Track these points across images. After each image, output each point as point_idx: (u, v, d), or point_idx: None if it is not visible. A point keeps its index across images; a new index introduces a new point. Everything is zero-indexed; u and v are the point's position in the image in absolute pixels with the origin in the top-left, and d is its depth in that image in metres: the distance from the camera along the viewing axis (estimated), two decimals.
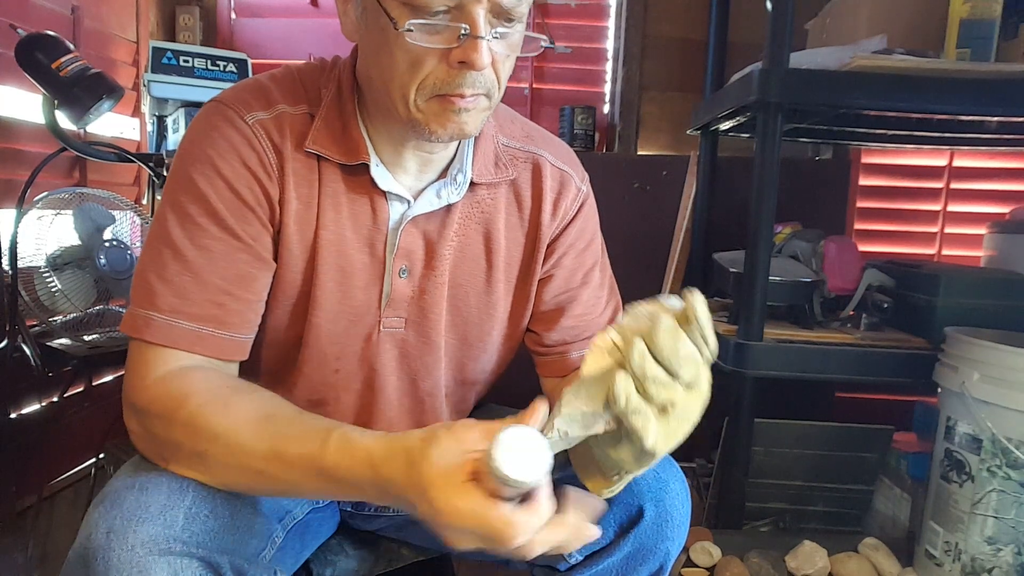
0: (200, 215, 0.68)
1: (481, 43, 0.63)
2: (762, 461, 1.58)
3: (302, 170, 0.72)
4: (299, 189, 0.72)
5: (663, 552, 0.77)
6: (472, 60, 0.63)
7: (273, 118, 0.71)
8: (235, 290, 0.69)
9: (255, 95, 0.72)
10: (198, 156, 0.69)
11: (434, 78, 0.65)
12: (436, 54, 0.64)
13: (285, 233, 0.73)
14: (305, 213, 0.73)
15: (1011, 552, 1.19)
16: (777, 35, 1.27)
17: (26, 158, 1.41)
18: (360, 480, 0.58)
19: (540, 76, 2.09)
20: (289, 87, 0.74)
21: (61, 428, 1.43)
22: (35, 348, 1.29)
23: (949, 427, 1.26)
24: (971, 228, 2.05)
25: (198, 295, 0.67)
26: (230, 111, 0.71)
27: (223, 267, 0.68)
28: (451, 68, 0.65)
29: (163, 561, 0.56)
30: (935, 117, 1.55)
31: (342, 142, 0.73)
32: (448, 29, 0.63)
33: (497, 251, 0.81)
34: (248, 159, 0.70)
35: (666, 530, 0.76)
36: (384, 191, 0.74)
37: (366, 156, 0.73)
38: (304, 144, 0.72)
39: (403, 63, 0.65)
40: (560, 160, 0.84)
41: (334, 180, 0.74)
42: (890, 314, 1.47)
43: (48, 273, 1.32)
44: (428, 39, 0.64)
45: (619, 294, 0.90)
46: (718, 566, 1.33)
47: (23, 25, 1.29)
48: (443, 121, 0.67)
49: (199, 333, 0.67)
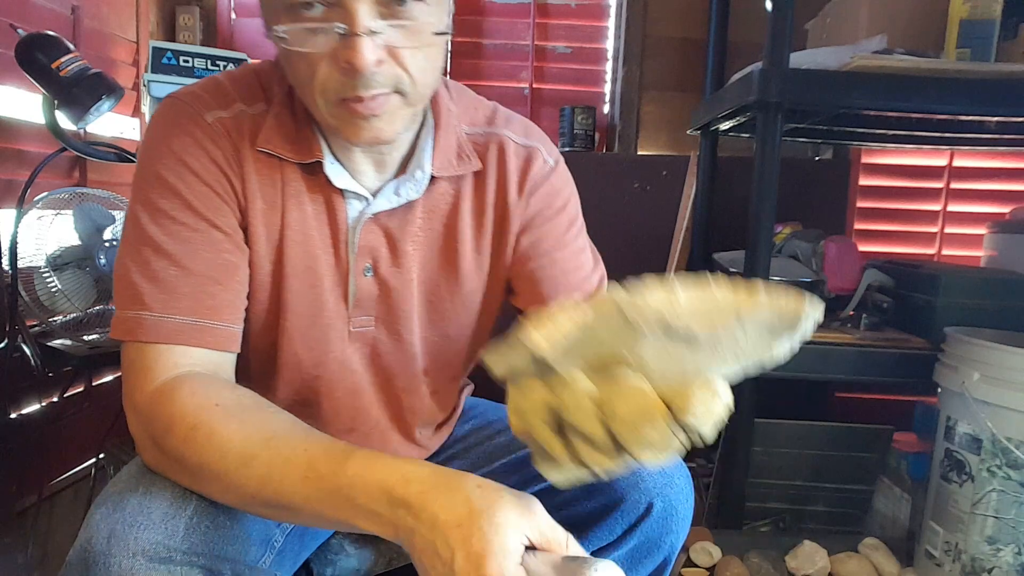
0: (175, 209, 0.66)
1: (360, 41, 0.58)
2: (762, 461, 1.58)
3: (264, 170, 0.70)
4: (263, 189, 0.71)
5: (668, 545, 0.77)
6: (351, 60, 0.59)
7: (232, 117, 0.70)
8: (222, 279, 0.67)
9: (213, 94, 0.70)
10: (164, 152, 0.67)
11: (331, 82, 0.61)
12: (326, 57, 0.60)
13: (252, 234, 0.71)
14: (270, 213, 0.71)
15: (1011, 552, 1.19)
16: (777, 35, 1.27)
17: (26, 158, 1.40)
18: (378, 502, 0.52)
19: (540, 76, 2.09)
20: (247, 86, 0.72)
21: (61, 428, 1.43)
22: (35, 348, 1.29)
23: (949, 427, 1.26)
24: (971, 228, 2.05)
25: (187, 287, 0.65)
26: (191, 108, 0.69)
27: (207, 257, 0.67)
28: (342, 70, 0.60)
29: (163, 569, 0.56)
30: (935, 117, 1.55)
31: (295, 140, 0.71)
32: (325, 30, 0.59)
33: (466, 242, 0.78)
34: (214, 155, 0.68)
35: (671, 523, 0.76)
36: (341, 189, 0.72)
37: (319, 153, 0.70)
38: (257, 142, 0.70)
39: (300, 69, 0.62)
40: (524, 137, 0.81)
41: (296, 179, 0.72)
42: (890, 314, 1.47)
43: (48, 273, 1.32)
44: (306, 42, 0.60)
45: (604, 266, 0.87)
46: (718, 566, 1.33)
47: (23, 25, 1.29)
48: (355, 130, 0.64)
49: (195, 326, 0.65)
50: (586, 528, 0.77)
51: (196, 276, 0.66)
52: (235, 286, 0.69)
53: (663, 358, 0.44)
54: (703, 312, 0.43)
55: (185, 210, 0.66)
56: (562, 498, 0.78)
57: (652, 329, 0.43)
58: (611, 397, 0.45)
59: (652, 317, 0.42)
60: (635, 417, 0.44)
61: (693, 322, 0.42)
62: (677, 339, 0.43)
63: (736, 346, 0.44)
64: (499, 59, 2.08)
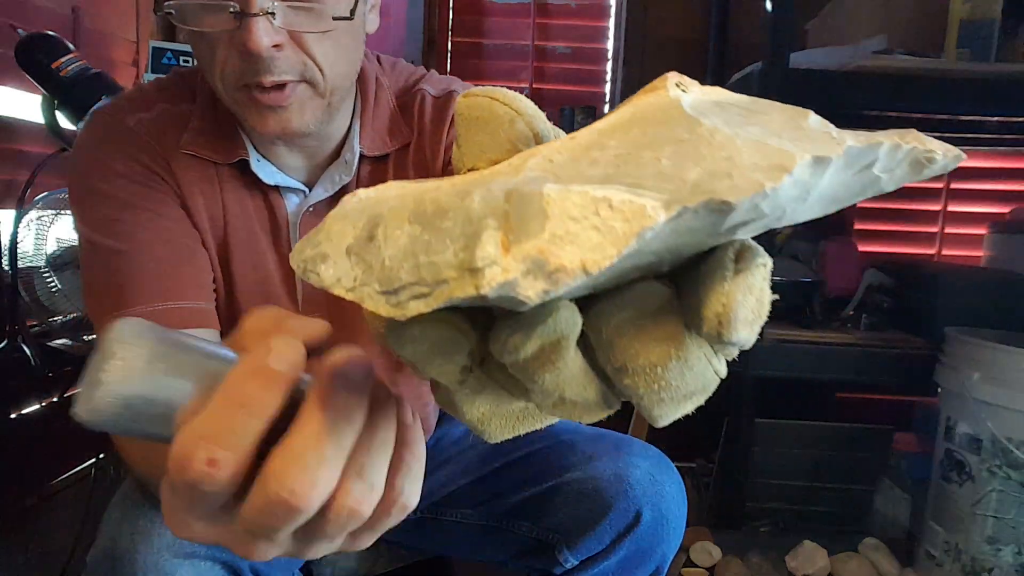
0: (115, 211, 0.64)
1: (254, 22, 0.55)
2: (762, 461, 1.58)
3: (198, 167, 0.68)
4: (200, 186, 0.68)
5: (659, 555, 0.76)
6: (244, 43, 0.55)
7: (154, 117, 0.68)
8: (180, 259, 0.66)
9: (134, 99, 0.69)
10: (90, 165, 0.66)
11: (231, 66, 0.59)
12: (225, 37, 0.57)
13: (199, 230, 0.69)
14: (212, 210, 0.69)
15: (1011, 552, 1.19)
16: (777, 35, 1.28)
17: (26, 158, 1.40)
18: None
19: (540, 76, 2.09)
20: (171, 87, 0.71)
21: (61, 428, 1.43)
22: (35, 348, 1.29)
23: (949, 427, 1.26)
24: (971, 228, 2.05)
25: (145, 277, 0.63)
26: (109, 118, 0.68)
27: (160, 244, 0.65)
28: (240, 55, 0.57)
29: (187, 564, 0.57)
30: (935, 117, 1.55)
31: (216, 142, 0.68)
32: (218, 7, 0.56)
33: None
34: (138, 157, 0.66)
35: (662, 533, 0.75)
36: (273, 185, 0.70)
37: (244, 152, 0.68)
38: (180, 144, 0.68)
39: (202, 50, 0.59)
40: (440, 88, 0.77)
41: (231, 177, 0.70)
42: (890, 314, 1.47)
43: (48, 273, 1.31)
44: (199, 21, 0.57)
45: None
46: (718, 566, 1.33)
47: (23, 25, 1.29)
48: (260, 119, 0.61)
49: (158, 311, 0.62)
50: (575, 537, 0.76)
51: (152, 264, 0.64)
52: (196, 264, 0.67)
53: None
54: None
55: (124, 209, 0.64)
56: (549, 505, 0.78)
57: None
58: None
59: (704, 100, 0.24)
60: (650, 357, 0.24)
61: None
62: (733, 112, 0.23)
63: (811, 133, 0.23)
64: (499, 59, 2.08)
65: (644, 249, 0.19)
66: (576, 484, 0.77)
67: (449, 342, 0.22)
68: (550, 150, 0.21)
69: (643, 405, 0.23)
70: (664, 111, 0.21)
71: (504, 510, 0.83)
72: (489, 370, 0.24)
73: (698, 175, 0.18)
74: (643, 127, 0.21)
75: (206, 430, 0.24)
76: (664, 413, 0.23)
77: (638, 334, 0.22)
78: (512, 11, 2.08)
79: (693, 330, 0.22)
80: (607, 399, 0.24)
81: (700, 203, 0.18)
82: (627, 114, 0.22)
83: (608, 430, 0.82)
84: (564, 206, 0.18)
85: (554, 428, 0.84)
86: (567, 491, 0.77)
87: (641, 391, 0.22)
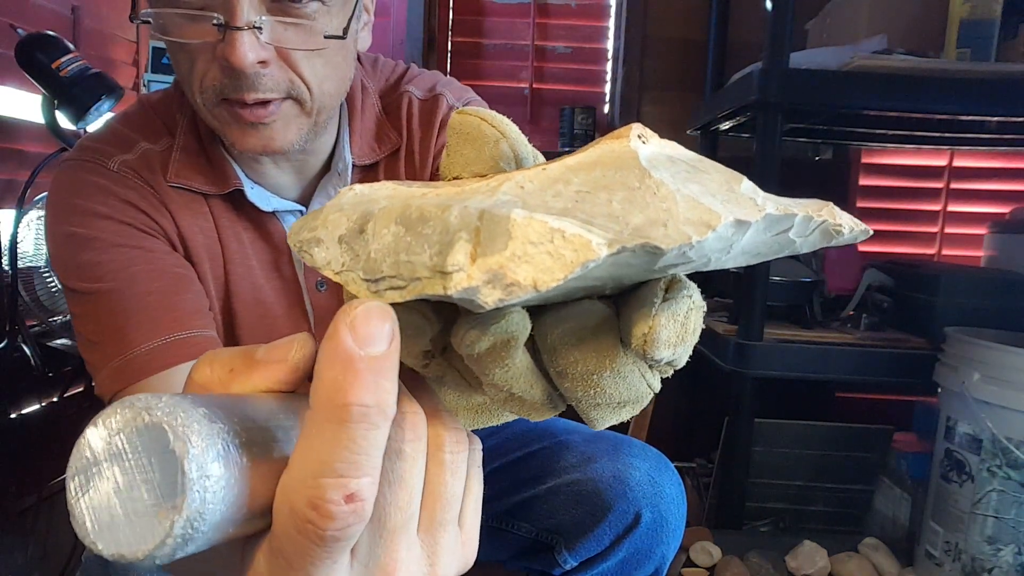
0: (99, 253, 0.60)
1: (238, 36, 0.52)
2: (762, 461, 1.58)
3: (190, 204, 0.66)
4: (196, 221, 0.66)
5: (659, 556, 0.77)
6: (227, 57, 0.52)
7: (138, 158, 0.64)
8: (176, 289, 0.63)
9: (110, 142, 0.65)
10: (69, 211, 0.61)
11: (211, 79, 0.56)
12: (207, 49, 0.54)
13: (198, 271, 0.66)
14: (211, 245, 0.67)
15: (1011, 552, 1.19)
16: (777, 35, 1.28)
17: (26, 158, 1.40)
18: None
19: (540, 76, 2.09)
20: (146, 124, 0.67)
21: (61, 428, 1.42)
22: (35, 348, 1.29)
23: (949, 427, 1.26)
24: (971, 228, 2.05)
25: (142, 308, 0.60)
26: (88, 164, 0.63)
27: (154, 276, 0.61)
28: (222, 69, 0.54)
29: None
30: (935, 117, 1.55)
31: (207, 171, 0.66)
32: (202, 18, 0.53)
33: None
34: (127, 197, 0.62)
35: (662, 535, 0.75)
36: (270, 212, 0.68)
37: (236, 182, 0.65)
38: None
39: (181, 62, 0.56)
40: (426, 90, 0.75)
41: (225, 209, 0.67)
42: (890, 314, 1.47)
43: (48, 273, 1.31)
44: (179, 31, 0.54)
45: None
46: (718, 566, 1.33)
47: (23, 25, 1.29)
48: (240, 135, 0.58)
49: (165, 343, 0.59)
50: (574, 538, 0.76)
51: (147, 296, 0.61)
52: (192, 292, 0.65)
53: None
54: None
55: (108, 249, 0.61)
56: (548, 506, 0.78)
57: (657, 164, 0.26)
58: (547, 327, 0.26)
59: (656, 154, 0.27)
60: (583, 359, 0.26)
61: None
62: (681, 168, 0.26)
63: (738, 195, 0.26)
64: (499, 59, 2.08)
65: (588, 275, 0.22)
66: (575, 485, 0.77)
67: (414, 327, 0.25)
68: (524, 177, 0.25)
69: (581, 408, 0.26)
70: (623, 159, 0.25)
71: (503, 510, 0.83)
72: (450, 359, 0.27)
73: (640, 221, 0.22)
74: (603, 170, 0.25)
75: (319, 466, 0.18)
76: (600, 417, 0.27)
77: (578, 344, 0.25)
78: (512, 11, 2.08)
79: (626, 347, 0.25)
80: (552, 399, 0.27)
81: (637, 245, 0.21)
82: (593, 155, 0.25)
83: (607, 431, 0.82)
84: (526, 231, 0.21)
85: (553, 428, 0.84)
86: (566, 492, 0.77)
87: (579, 394, 0.25)
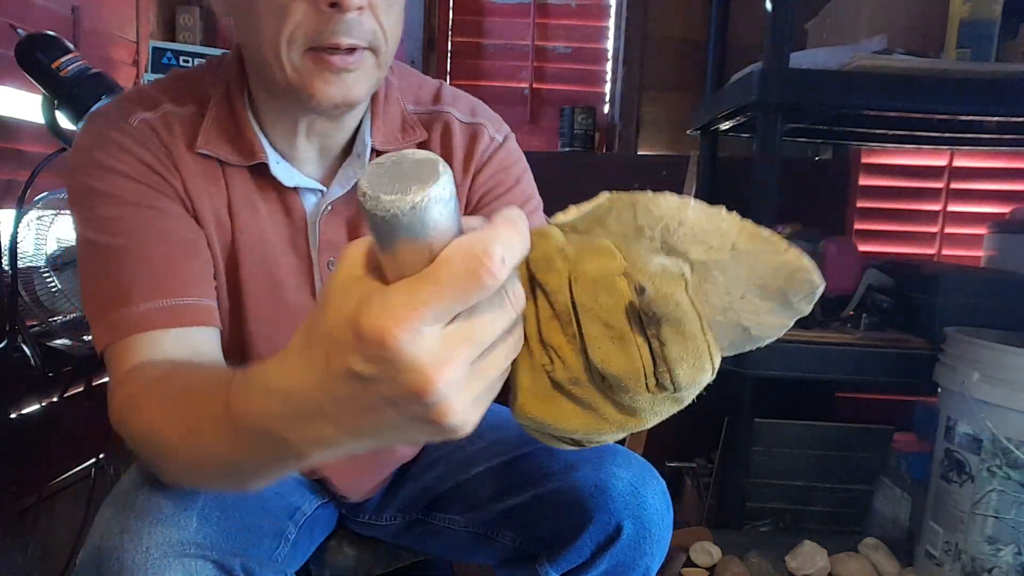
0: (116, 210, 0.63)
1: None
2: (762, 461, 1.58)
3: (205, 171, 0.68)
4: (207, 188, 0.68)
5: (643, 568, 0.75)
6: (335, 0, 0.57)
7: (159, 117, 0.67)
8: (183, 254, 0.65)
9: (135, 100, 0.68)
10: (89, 165, 0.64)
11: (304, 28, 0.59)
12: (303, 1, 0.58)
13: (205, 232, 0.68)
14: (220, 213, 0.69)
15: (1011, 552, 1.19)
16: (777, 35, 1.28)
17: (26, 158, 1.40)
18: (268, 410, 0.39)
19: (540, 76, 2.09)
20: (174, 88, 0.70)
21: (61, 428, 1.42)
22: (35, 348, 1.29)
23: (949, 427, 1.26)
24: (971, 228, 2.05)
25: (147, 273, 0.62)
26: (110, 118, 0.67)
27: (163, 240, 0.64)
28: (320, 12, 0.58)
29: (177, 563, 0.56)
30: (935, 117, 1.55)
31: (236, 142, 0.68)
32: None
33: None
34: (142, 156, 0.65)
35: (645, 546, 0.73)
36: (292, 187, 0.70)
37: (263, 155, 0.68)
38: (195, 145, 0.67)
39: (268, 14, 0.59)
40: (469, 116, 0.78)
41: (243, 180, 0.69)
42: (890, 314, 1.47)
43: (48, 273, 1.31)
44: None
45: None
46: (718, 566, 1.33)
47: (23, 25, 1.29)
48: (323, 84, 0.61)
49: (164, 307, 0.61)
50: (556, 549, 0.75)
51: (156, 260, 0.63)
52: (199, 259, 0.67)
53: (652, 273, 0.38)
54: (704, 232, 0.38)
55: (124, 206, 0.64)
56: (530, 515, 0.77)
57: (653, 236, 0.37)
58: (582, 255, 0.37)
59: (657, 223, 0.37)
60: (596, 277, 0.37)
61: (690, 243, 0.37)
62: (673, 256, 0.38)
63: (724, 290, 0.39)
64: (499, 59, 2.08)
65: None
66: (556, 495, 0.75)
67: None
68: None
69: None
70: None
71: (489, 518, 0.82)
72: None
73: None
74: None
75: (496, 239, 0.30)
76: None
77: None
78: (512, 11, 2.08)
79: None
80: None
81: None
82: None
83: None
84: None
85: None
86: (547, 501, 0.76)
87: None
